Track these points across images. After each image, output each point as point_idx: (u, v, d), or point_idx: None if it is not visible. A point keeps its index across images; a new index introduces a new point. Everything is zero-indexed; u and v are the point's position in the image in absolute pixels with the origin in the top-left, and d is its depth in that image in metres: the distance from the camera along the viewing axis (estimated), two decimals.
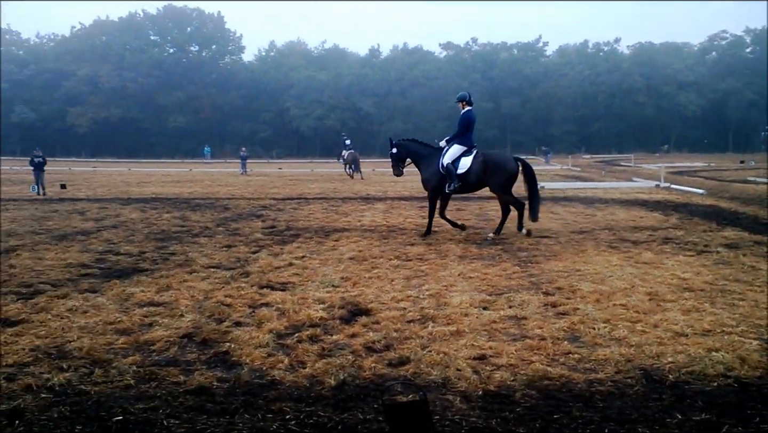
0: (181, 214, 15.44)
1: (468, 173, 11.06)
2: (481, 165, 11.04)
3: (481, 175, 11.09)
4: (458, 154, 11.17)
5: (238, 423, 3.73)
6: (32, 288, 7.38)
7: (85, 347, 5.10)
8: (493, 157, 11.35)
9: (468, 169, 11.05)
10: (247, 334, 5.50)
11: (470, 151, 11.20)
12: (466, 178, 11.11)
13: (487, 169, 11.04)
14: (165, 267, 8.69)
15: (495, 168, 11.07)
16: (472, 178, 11.10)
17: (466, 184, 11.24)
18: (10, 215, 15.27)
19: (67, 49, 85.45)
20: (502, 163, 11.21)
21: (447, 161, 11.16)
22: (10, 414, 3.83)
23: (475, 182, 11.25)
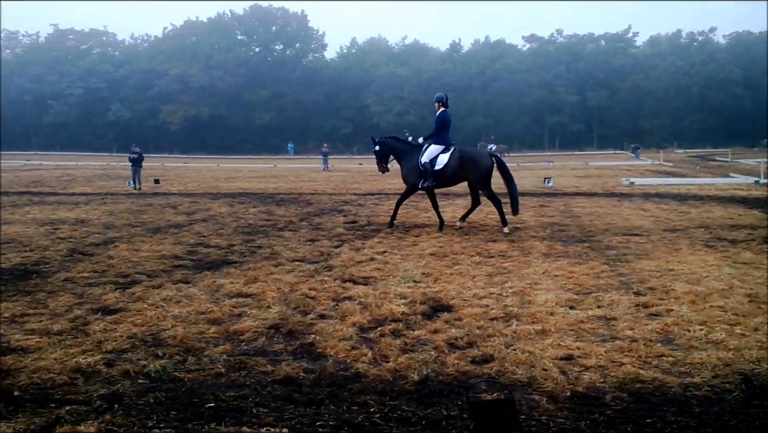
0: (266, 209, 15.87)
1: (444, 169, 11.67)
2: (458, 161, 11.61)
3: (458, 171, 11.68)
4: (436, 153, 11.78)
5: (324, 414, 3.79)
6: (129, 278, 7.77)
7: (178, 335, 5.32)
8: (470, 153, 11.96)
9: (445, 165, 11.66)
10: (331, 326, 5.58)
11: (447, 149, 11.78)
12: (443, 173, 11.73)
13: (464, 164, 11.61)
14: (252, 260, 8.96)
15: (471, 163, 11.62)
16: (448, 173, 11.73)
17: (443, 179, 11.87)
18: (108, 209, 16.16)
19: (160, 50, 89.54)
20: (477, 158, 11.84)
21: (425, 160, 11.77)
22: (110, 398, 4.03)
23: (451, 177, 11.86)
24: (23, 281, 7.60)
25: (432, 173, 11.68)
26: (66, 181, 27.87)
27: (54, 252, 9.60)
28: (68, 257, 9.22)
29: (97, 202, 18.04)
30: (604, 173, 30.06)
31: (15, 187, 23.80)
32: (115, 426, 3.58)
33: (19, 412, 3.80)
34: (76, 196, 19.95)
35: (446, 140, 11.86)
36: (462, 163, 11.58)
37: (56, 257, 9.19)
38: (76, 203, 17.61)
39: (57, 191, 22.25)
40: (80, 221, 13.60)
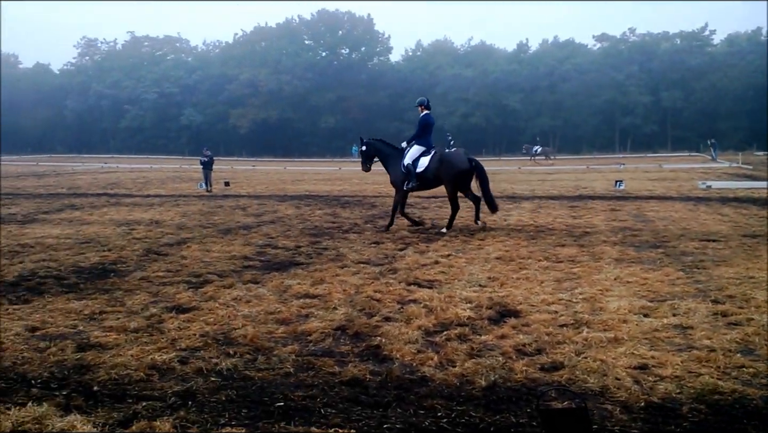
0: (332, 211, 16.06)
1: (426, 171, 12.01)
2: (437, 163, 11.97)
3: (438, 173, 11.98)
4: (418, 154, 12.11)
5: (390, 417, 3.79)
6: (201, 278, 8.00)
7: (248, 334, 5.44)
8: (449, 157, 12.37)
9: (426, 167, 12.00)
10: (397, 329, 5.58)
11: (429, 152, 12.11)
12: (425, 175, 12.05)
13: (442, 166, 11.95)
14: (319, 261, 9.07)
15: (449, 165, 11.99)
16: (429, 175, 12.04)
17: (425, 181, 12.19)
18: (180, 210, 16.70)
19: (231, 55, 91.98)
20: (455, 161, 12.16)
21: (408, 161, 12.14)
22: (184, 395, 4.16)
23: (432, 179, 12.16)
24: (102, 280, 7.93)
25: (415, 174, 12.06)
26: (141, 183, 28.97)
27: (130, 252, 9.99)
28: (144, 257, 9.57)
29: (170, 203, 18.67)
30: (679, 176, 28.96)
31: (93, 189, 24.91)
32: (189, 423, 3.68)
33: (98, 406, 3.96)
34: (151, 198, 20.72)
35: (428, 142, 12.24)
36: (440, 166, 11.97)
37: (132, 257, 9.56)
38: (151, 205, 18.28)
39: (133, 193, 23.15)
40: (155, 221, 14.11)
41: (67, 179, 32.43)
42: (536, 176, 31.94)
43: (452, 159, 12.25)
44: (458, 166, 12.02)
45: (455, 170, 11.99)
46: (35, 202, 19.48)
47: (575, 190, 21.88)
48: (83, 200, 19.79)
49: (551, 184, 24.84)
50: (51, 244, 10.79)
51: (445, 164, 11.99)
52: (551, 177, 30.75)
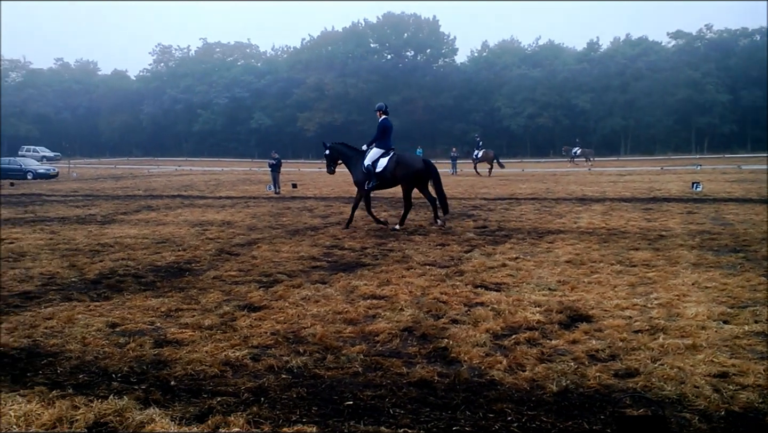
0: (397, 213, 16.07)
1: (384, 171, 12.79)
2: (394, 164, 12.75)
3: (395, 173, 12.75)
4: (377, 156, 12.87)
5: (460, 419, 3.77)
6: (271, 277, 8.17)
7: (317, 333, 5.51)
8: (404, 158, 13.11)
9: (384, 168, 12.78)
10: (464, 332, 5.54)
11: (387, 153, 12.87)
12: (383, 175, 12.84)
13: (398, 167, 12.72)
14: (384, 263, 9.11)
15: (404, 166, 12.77)
16: (387, 175, 12.82)
17: (383, 181, 12.97)
18: (251, 211, 17.11)
19: (298, 59, 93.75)
20: (410, 163, 12.97)
21: (367, 162, 12.91)
22: (256, 391, 4.26)
23: (390, 179, 12.92)
24: (177, 278, 8.21)
25: (375, 174, 12.85)
26: (213, 185, 29.84)
27: (204, 252, 10.30)
28: (216, 257, 9.85)
29: (241, 205, 19.16)
30: (759, 177, 27.60)
31: (168, 191, 25.84)
32: (262, 418, 3.76)
33: (175, 401, 4.10)
34: (222, 200, 21.32)
35: (387, 145, 12.99)
36: (397, 166, 12.74)
37: (206, 256, 9.85)
38: (223, 206, 18.81)
39: (205, 195, 23.87)
40: (226, 222, 14.50)
41: (144, 181, 33.77)
42: (607, 178, 31.11)
43: (408, 160, 13.06)
44: (413, 167, 12.83)
45: (410, 170, 12.78)
46: (114, 203, 20.36)
47: (649, 192, 21.19)
48: (159, 202, 20.55)
49: (623, 186, 24.13)
50: (129, 243, 11.24)
51: (401, 165, 12.78)
52: (623, 179, 29.88)
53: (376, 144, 13.01)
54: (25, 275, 8.38)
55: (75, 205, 19.46)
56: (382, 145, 12.95)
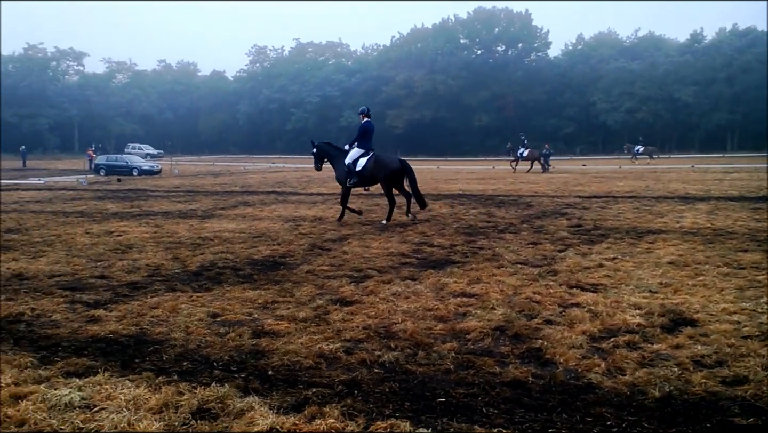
0: (486, 210, 15.91)
1: (363, 170, 13.67)
2: (373, 164, 13.60)
3: (373, 171, 13.63)
4: (357, 156, 13.77)
5: (556, 422, 3.68)
6: (362, 273, 8.27)
7: (408, 329, 5.53)
8: (382, 158, 13.90)
9: (363, 167, 13.66)
10: (559, 333, 5.41)
11: (367, 153, 13.73)
12: (363, 174, 13.73)
13: (376, 166, 13.57)
14: (474, 261, 9.02)
15: (382, 166, 13.64)
16: (366, 174, 13.72)
17: (363, 178, 13.89)
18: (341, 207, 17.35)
19: (387, 57, 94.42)
20: (387, 162, 13.82)
21: (349, 161, 13.85)
22: (350, 384, 4.32)
23: (369, 177, 13.83)
24: (273, 272, 8.47)
25: (355, 172, 13.71)
26: (305, 182, 30.54)
27: (297, 246, 10.57)
28: (309, 251, 10.08)
29: (332, 201, 19.49)
30: None
31: (263, 187, 26.66)
32: (356, 411, 3.82)
33: (273, 390, 4.23)
34: (314, 196, 21.78)
35: (367, 146, 13.86)
36: (375, 165, 13.59)
37: (299, 251, 10.10)
38: (314, 202, 19.22)
39: (298, 191, 24.46)
40: (318, 218, 14.81)
41: (240, 178, 35.03)
42: (712, 175, 29.49)
43: (385, 160, 13.90)
44: (389, 166, 13.74)
45: (387, 169, 13.66)
46: (213, 199, 21.24)
47: (758, 190, 19.92)
48: (254, 198, 21.26)
49: (729, 184, 22.81)
50: (227, 237, 11.70)
51: (378, 164, 13.65)
52: (729, 176, 28.23)
53: (357, 144, 13.93)
54: (132, 266, 8.88)
55: (177, 201, 20.45)
56: (362, 145, 13.88)
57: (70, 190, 26.31)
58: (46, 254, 10.02)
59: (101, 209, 17.54)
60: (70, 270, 8.64)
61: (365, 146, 13.87)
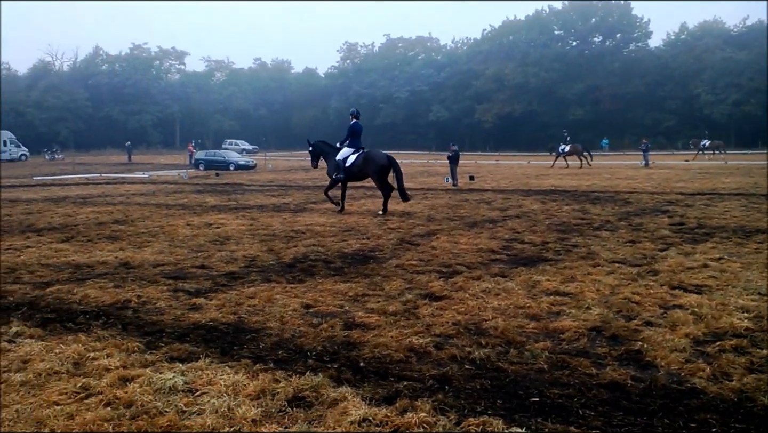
0: (580, 207, 15.44)
1: (352, 166, 14.95)
2: (362, 160, 14.81)
3: (362, 167, 14.86)
4: (348, 153, 15.07)
5: (657, 426, 3.53)
6: (451, 268, 8.23)
7: (499, 327, 5.46)
8: (371, 155, 15.00)
9: (353, 163, 14.91)
10: (660, 335, 5.18)
11: (357, 152, 15.03)
12: (351, 169, 14.98)
13: (366, 162, 14.77)
14: (568, 258, 8.78)
15: (371, 161, 14.78)
16: (355, 169, 14.99)
17: (352, 173, 15.11)
18: (429, 203, 17.37)
19: (478, 51, 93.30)
20: (375, 158, 14.89)
21: (339, 158, 15.16)
22: (440, 379, 4.31)
23: (357, 172, 15.08)
24: (362, 265, 8.58)
25: (343, 168, 14.96)
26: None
27: (386, 241, 10.66)
28: (398, 246, 10.14)
29: (419, 197, 19.51)
30: None
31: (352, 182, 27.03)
32: (447, 406, 3.80)
33: (365, 381, 4.29)
34: None
35: (356, 145, 15.18)
36: (364, 161, 14.75)
37: (388, 245, 10.18)
38: None
39: None
40: (406, 213, 14.86)
41: None
42: None
43: (374, 157, 14.95)
44: (378, 162, 14.77)
45: (376, 165, 14.71)
46: (304, 193, 21.77)
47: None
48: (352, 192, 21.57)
49: None
50: (319, 231, 11.95)
51: (368, 161, 14.80)
52: None
53: (348, 143, 15.22)
54: (230, 257, 9.24)
55: (271, 195, 21.10)
56: (352, 144, 15.20)
57: (172, 184, 27.70)
58: (151, 244, 10.60)
59: (201, 202, 18.36)
60: (173, 260, 9.10)
61: (355, 145, 15.20)
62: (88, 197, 20.47)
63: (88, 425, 3.63)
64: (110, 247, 10.34)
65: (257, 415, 3.74)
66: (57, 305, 6.52)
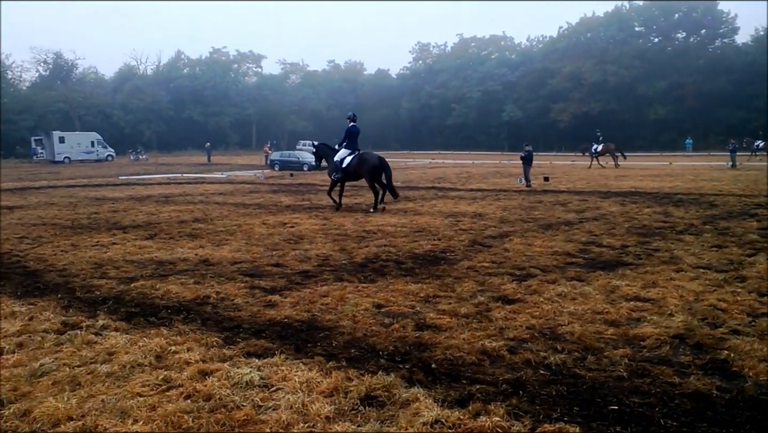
0: (662, 210, 14.86)
1: (348, 166, 16.03)
2: (357, 161, 15.93)
3: (357, 168, 15.94)
4: (345, 155, 16.14)
5: None
6: (524, 271, 8.08)
7: (575, 332, 5.32)
8: (364, 156, 16.16)
9: (348, 164, 16.01)
10: (748, 344, 4.92)
11: (353, 153, 16.12)
12: (348, 169, 16.05)
13: (360, 163, 15.91)
14: (649, 263, 8.47)
15: (364, 162, 15.91)
16: (351, 170, 16.06)
17: (349, 173, 16.18)
18: (502, 204, 17.13)
19: (554, 49, 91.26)
20: (369, 159, 15.99)
21: (337, 159, 16.23)
22: (514, 383, 4.24)
23: (353, 172, 16.12)
24: (433, 266, 8.55)
25: (341, 169, 16.05)
26: (464, 178, 30.49)
27: (457, 242, 10.58)
28: (470, 247, 10.05)
29: (491, 198, 19.29)
30: None
31: (423, 183, 27.00)
32: (521, 411, 3.74)
33: (436, 383, 4.27)
34: (473, 192, 21.68)
35: (353, 147, 16.22)
36: (358, 162, 15.87)
37: (459, 247, 10.11)
38: (474, 198, 19.12)
39: (457, 187, 24.47)
40: (478, 214, 14.71)
41: (401, 174, 35.76)
42: None
43: (367, 158, 16.06)
44: (370, 163, 15.88)
45: (368, 165, 15.82)
46: None
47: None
48: (415, 193, 21.61)
49: None
50: (390, 231, 11.99)
51: (361, 162, 15.91)
52: None
53: (345, 146, 16.25)
54: (303, 256, 9.41)
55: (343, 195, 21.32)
56: (349, 147, 16.21)
57: (249, 184, 28.46)
58: (229, 242, 10.92)
59: (276, 202, 18.79)
60: (250, 258, 9.34)
61: (352, 147, 16.25)
62: (170, 196, 21.31)
63: (169, 417, 3.77)
64: (191, 244, 10.72)
65: (330, 412, 3.79)
66: (141, 300, 6.82)
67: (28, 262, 9.35)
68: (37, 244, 11.09)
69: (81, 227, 13.26)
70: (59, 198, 20.90)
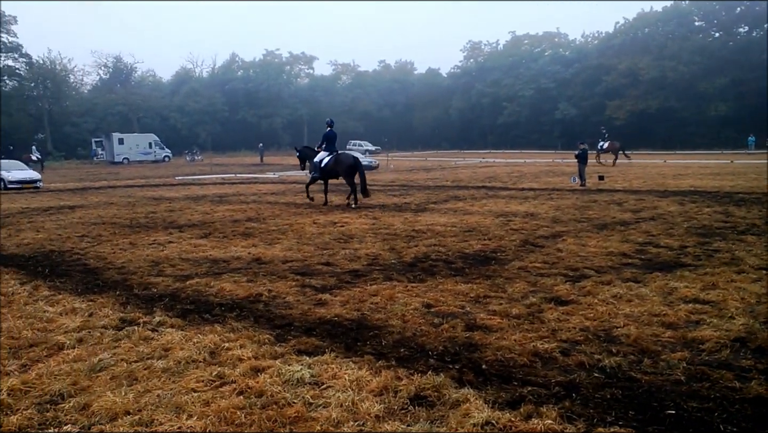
0: (723, 209, 14.34)
1: (326, 166, 17.58)
2: (334, 161, 17.43)
3: (334, 167, 17.43)
4: (323, 156, 17.73)
5: None
6: (578, 272, 7.93)
7: (631, 334, 5.19)
8: (340, 157, 17.69)
9: (326, 164, 17.55)
10: None
11: (331, 154, 17.64)
12: (325, 169, 17.60)
13: (336, 162, 17.42)
14: (709, 264, 8.19)
15: (340, 162, 17.39)
16: (328, 169, 17.57)
17: (326, 172, 17.70)
18: (554, 203, 16.84)
19: (610, 45, 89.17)
20: (344, 160, 17.48)
21: (316, 160, 17.97)
22: (567, 386, 4.16)
23: (330, 171, 17.63)
24: (484, 266, 8.47)
25: (319, 168, 17.65)
26: (516, 177, 30.12)
27: (508, 242, 10.46)
28: (521, 247, 9.92)
29: (544, 197, 18.99)
30: None
31: (473, 182, 26.79)
32: (574, 415, 3.67)
33: (487, 384, 4.22)
34: (525, 191, 21.38)
35: (331, 149, 17.80)
36: (335, 163, 17.39)
37: (511, 247, 9.98)
38: (526, 198, 18.86)
39: (508, 186, 24.19)
40: (530, 214, 14.50)
41: (451, 173, 35.59)
42: None
43: (343, 159, 17.59)
44: (346, 163, 17.36)
45: (344, 165, 17.29)
46: (425, 193, 21.85)
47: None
48: (465, 192, 21.47)
49: None
50: (439, 231, 11.94)
51: (338, 162, 17.41)
52: None
53: (324, 148, 17.93)
54: (353, 255, 9.46)
55: (392, 194, 21.37)
56: (327, 149, 17.86)
57: (300, 184, 28.78)
58: (281, 241, 11.08)
59: None
60: (300, 256, 9.45)
61: (330, 149, 17.87)
62: (224, 196, 21.77)
63: (222, 413, 3.85)
64: (244, 243, 10.92)
65: (380, 411, 3.80)
66: (195, 297, 6.98)
67: (88, 260, 9.69)
68: (97, 242, 11.49)
69: (139, 226, 13.67)
70: (118, 198, 21.61)
